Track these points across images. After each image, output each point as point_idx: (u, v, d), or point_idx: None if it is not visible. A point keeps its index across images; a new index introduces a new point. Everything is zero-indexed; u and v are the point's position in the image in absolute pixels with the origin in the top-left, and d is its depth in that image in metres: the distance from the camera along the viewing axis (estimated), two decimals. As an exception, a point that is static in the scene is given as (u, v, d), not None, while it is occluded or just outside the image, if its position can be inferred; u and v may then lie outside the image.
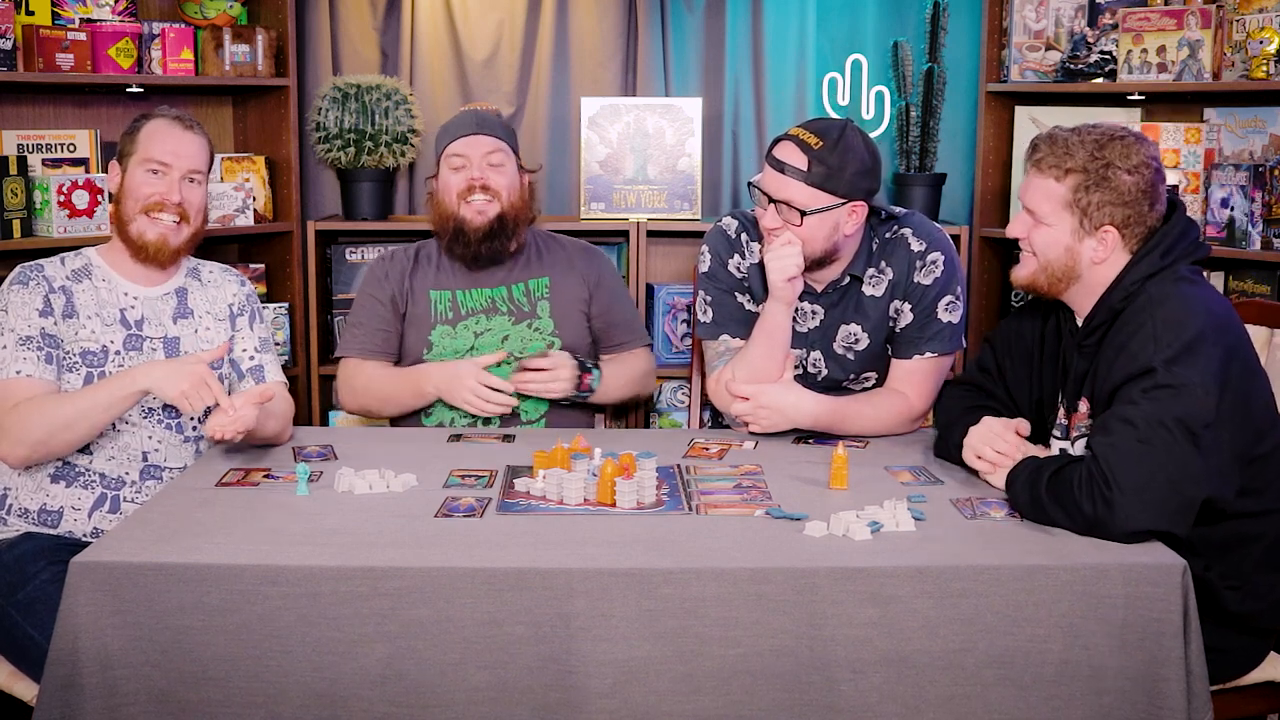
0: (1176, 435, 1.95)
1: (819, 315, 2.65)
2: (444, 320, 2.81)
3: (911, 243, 2.59)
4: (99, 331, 2.42)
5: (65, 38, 3.33)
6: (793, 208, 2.46)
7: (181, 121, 2.50)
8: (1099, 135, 2.16)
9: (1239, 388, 2.04)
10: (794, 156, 2.46)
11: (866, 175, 2.48)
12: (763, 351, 2.54)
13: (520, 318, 2.82)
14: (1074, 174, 2.15)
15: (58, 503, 2.40)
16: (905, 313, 2.60)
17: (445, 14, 4.00)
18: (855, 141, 2.47)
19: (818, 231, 2.48)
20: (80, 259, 2.50)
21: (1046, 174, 2.17)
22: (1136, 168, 2.13)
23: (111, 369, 2.40)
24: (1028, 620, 1.85)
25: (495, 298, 2.83)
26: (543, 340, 2.81)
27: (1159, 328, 2.04)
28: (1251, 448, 2.09)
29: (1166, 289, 2.11)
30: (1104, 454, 1.96)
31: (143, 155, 2.46)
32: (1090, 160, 2.13)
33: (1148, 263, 2.14)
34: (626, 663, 1.83)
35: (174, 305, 2.52)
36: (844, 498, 2.17)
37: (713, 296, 2.70)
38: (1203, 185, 3.55)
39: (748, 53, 4.06)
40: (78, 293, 2.44)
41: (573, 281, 2.87)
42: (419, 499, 2.16)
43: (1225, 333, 2.06)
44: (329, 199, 4.05)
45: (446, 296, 2.83)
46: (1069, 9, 3.81)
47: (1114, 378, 2.07)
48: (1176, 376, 1.98)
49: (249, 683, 1.83)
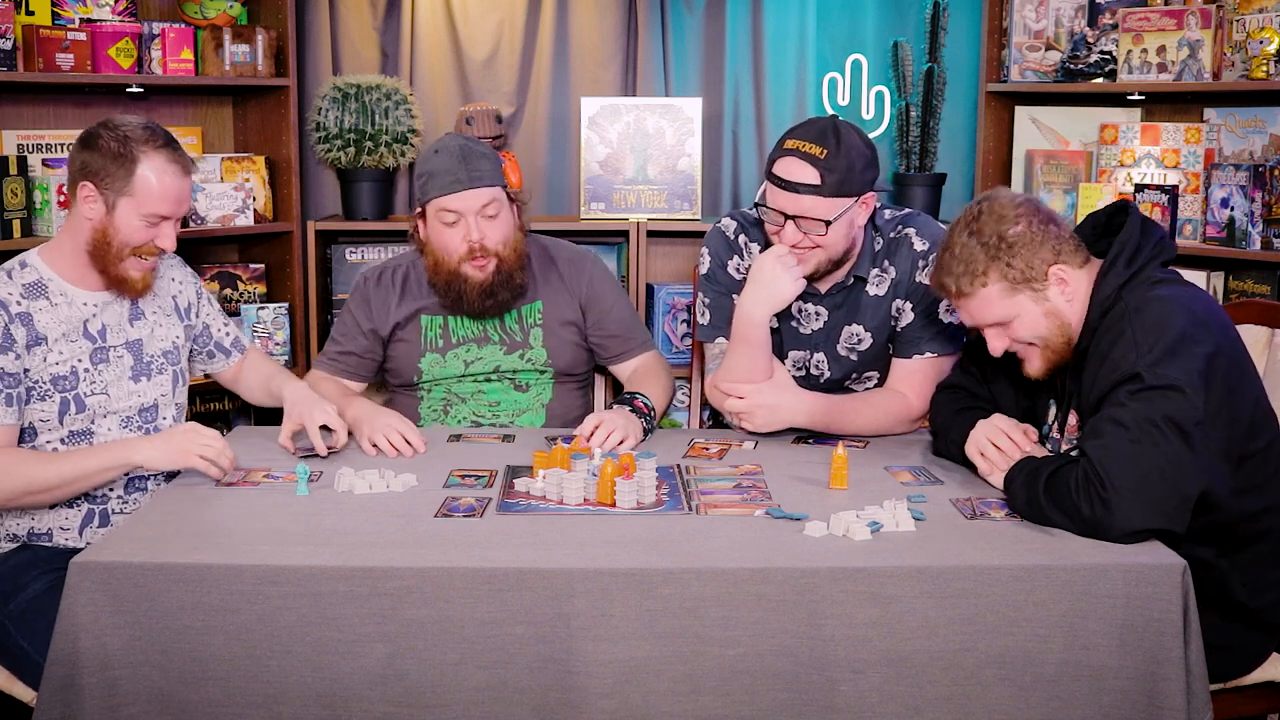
0: (1167, 433, 1.95)
1: (823, 317, 2.65)
2: (434, 348, 2.73)
3: (915, 242, 2.59)
4: (67, 352, 2.32)
5: (65, 38, 3.33)
6: (815, 220, 2.44)
7: (180, 164, 2.33)
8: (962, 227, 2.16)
9: (1226, 384, 2.03)
10: (803, 173, 2.42)
11: (870, 167, 2.49)
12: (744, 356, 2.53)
13: (513, 347, 2.74)
14: (990, 269, 2.13)
15: (45, 524, 2.36)
16: (907, 312, 2.60)
17: (445, 14, 4.00)
18: (851, 138, 2.46)
19: (840, 235, 2.48)
20: (29, 272, 2.34)
21: (972, 293, 2.15)
22: (1013, 216, 2.13)
23: (85, 388, 2.34)
24: (1028, 620, 1.86)
25: (487, 326, 2.74)
26: (534, 369, 2.75)
27: (1139, 333, 2.03)
28: (1243, 444, 2.09)
29: (1142, 294, 2.10)
30: (1098, 456, 1.96)
31: (141, 206, 2.29)
32: (983, 248, 2.13)
33: (1114, 274, 2.13)
34: (626, 663, 1.83)
35: (128, 307, 2.43)
36: (844, 498, 2.17)
37: (711, 299, 2.69)
38: (1203, 185, 3.55)
39: (748, 53, 4.06)
40: (37, 314, 2.30)
41: (564, 301, 2.78)
42: (419, 499, 2.16)
43: (1208, 329, 2.05)
44: (329, 199, 4.05)
45: (438, 322, 2.74)
46: (1069, 9, 3.81)
47: (1099, 387, 2.07)
48: (1162, 378, 1.98)
49: (249, 683, 1.83)
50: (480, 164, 2.60)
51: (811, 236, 2.46)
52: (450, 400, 2.76)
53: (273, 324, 3.77)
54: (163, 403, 2.47)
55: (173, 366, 2.50)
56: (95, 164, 2.29)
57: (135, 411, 2.42)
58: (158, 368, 2.46)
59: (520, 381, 2.75)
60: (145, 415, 2.44)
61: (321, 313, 3.83)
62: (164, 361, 2.48)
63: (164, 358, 2.48)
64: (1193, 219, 3.56)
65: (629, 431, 2.46)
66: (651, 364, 2.84)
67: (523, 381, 2.76)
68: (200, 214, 3.64)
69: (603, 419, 2.46)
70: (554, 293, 2.78)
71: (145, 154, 2.29)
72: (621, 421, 2.47)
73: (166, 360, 2.48)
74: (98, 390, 2.36)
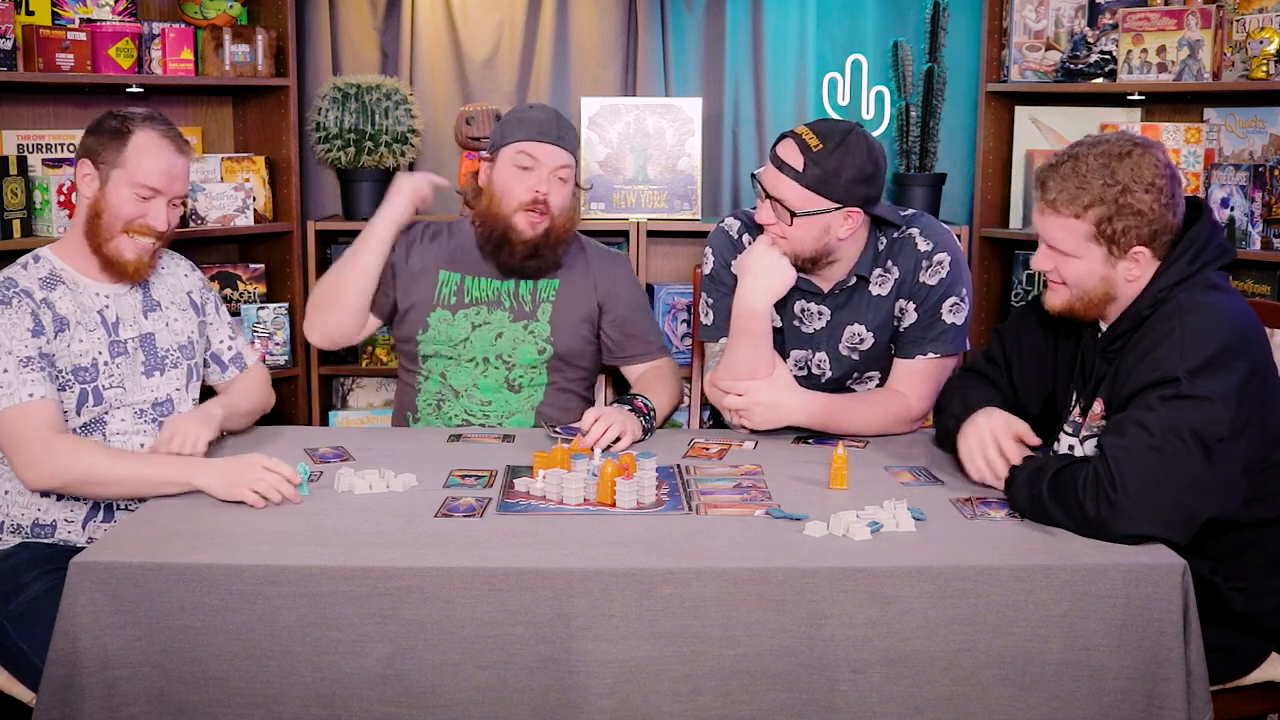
0: (1190, 446, 1.93)
1: (825, 316, 2.64)
2: (445, 304, 2.76)
3: (919, 242, 2.58)
4: (88, 340, 2.34)
5: (65, 38, 3.33)
6: (784, 207, 2.45)
7: (174, 142, 2.37)
8: (1105, 155, 2.08)
9: (1258, 401, 2.02)
10: (792, 156, 2.45)
11: (865, 183, 2.45)
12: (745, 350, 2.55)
13: (519, 317, 2.77)
14: (1093, 208, 2.08)
15: (50, 516, 2.36)
16: (909, 312, 2.59)
17: (445, 14, 4.00)
18: (858, 147, 2.43)
19: (807, 233, 2.47)
20: (43, 265, 2.36)
21: (1064, 213, 2.10)
22: (1152, 183, 2.06)
23: (104, 382, 2.35)
24: (1028, 620, 1.85)
25: (502, 290, 2.77)
26: (534, 345, 2.76)
27: (1186, 337, 2.00)
28: (1264, 458, 2.07)
29: (1195, 297, 2.07)
30: (1114, 455, 1.95)
31: (131, 176, 2.33)
32: (1106, 189, 2.06)
33: (1176, 269, 2.10)
34: (626, 663, 1.83)
35: (141, 298, 2.45)
36: (844, 498, 2.17)
37: (714, 299, 2.69)
38: (1203, 185, 3.55)
39: (748, 53, 4.06)
40: (58, 303, 2.32)
41: (583, 290, 2.80)
42: (419, 499, 2.16)
43: (1251, 344, 2.03)
44: (329, 199, 4.05)
45: (455, 279, 2.77)
46: (1069, 9, 3.81)
47: (1135, 383, 2.04)
48: (1199, 388, 1.95)
49: (249, 683, 1.83)
50: (569, 132, 2.74)
51: (779, 225, 2.47)
52: (444, 395, 2.76)
53: (273, 324, 3.77)
54: (177, 397, 2.47)
55: (187, 361, 2.50)
56: (95, 143, 2.37)
57: (149, 405, 2.43)
58: (172, 362, 2.47)
59: (514, 380, 2.75)
60: (160, 409, 2.44)
61: (321, 313, 3.83)
62: (179, 355, 2.49)
63: (179, 351, 2.49)
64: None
65: (627, 428, 2.47)
66: (663, 369, 2.85)
67: (515, 380, 2.75)
68: (200, 214, 3.64)
69: (602, 413, 2.48)
70: (575, 278, 2.81)
71: (140, 128, 2.36)
72: (620, 418, 2.48)
73: (181, 354, 2.49)
74: (115, 384, 2.37)
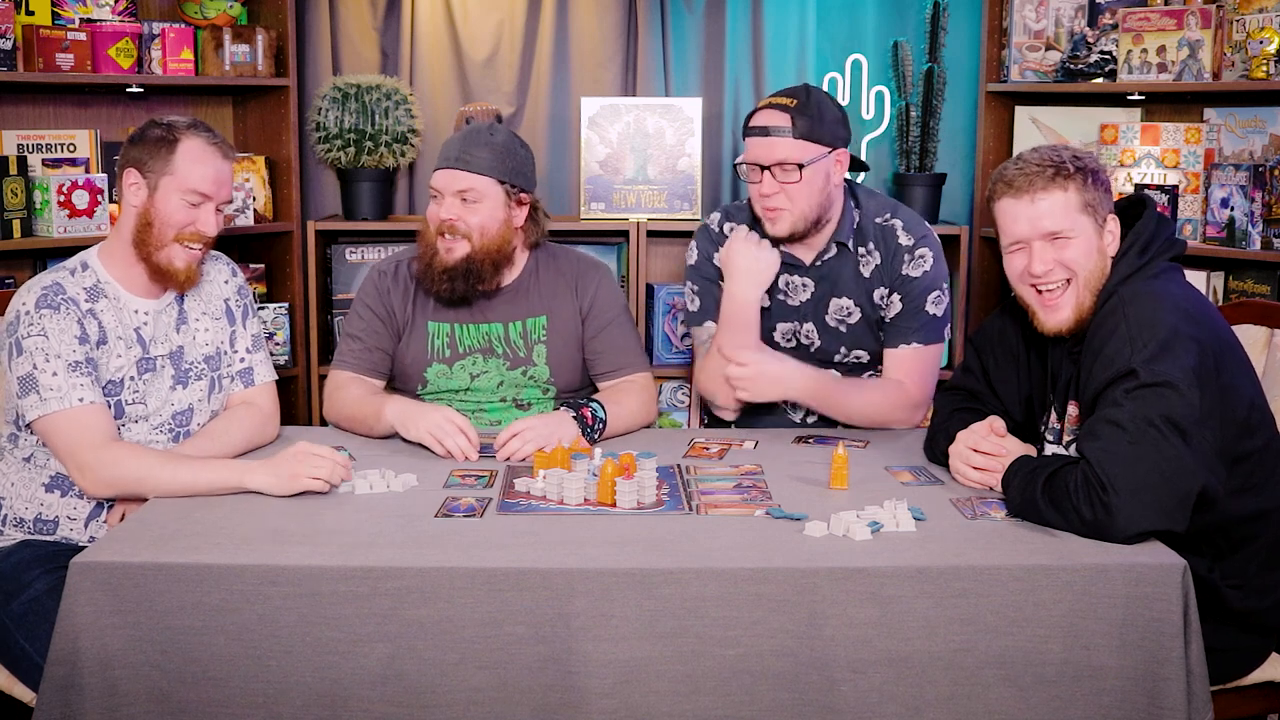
0: (1165, 432, 1.95)
1: (810, 288, 2.71)
2: (440, 359, 2.69)
3: (901, 236, 2.68)
4: (124, 356, 2.35)
5: (65, 38, 3.33)
6: (788, 165, 2.55)
7: (220, 148, 2.40)
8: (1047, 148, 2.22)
9: (1218, 382, 2.03)
10: (776, 119, 2.57)
11: (842, 124, 2.64)
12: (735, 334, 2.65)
13: (516, 364, 2.70)
14: (1071, 179, 2.15)
15: (53, 512, 2.36)
16: (895, 303, 2.69)
17: (445, 14, 4.00)
18: (821, 96, 2.62)
19: (812, 187, 2.57)
20: (89, 275, 2.37)
21: (1052, 190, 2.15)
22: (1097, 164, 2.21)
23: (127, 397, 2.35)
24: (1028, 620, 1.86)
25: (492, 336, 2.70)
26: (537, 388, 2.71)
27: (1133, 328, 2.04)
28: (1238, 443, 2.08)
29: (1136, 288, 2.11)
30: (1097, 459, 1.96)
31: (182, 183, 2.34)
32: (1074, 160, 2.17)
33: (1126, 263, 2.15)
34: (626, 663, 1.83)
35: (175, 314, 2.46)
36: (844, 498, 2.17)
37: (699, 286, 2.80)
38: (1203, 185, 3.55)
39: (748, 53, 4.06)
40: (101, 315, 2.34)
41: (569, 313, 2.73)
42: (419, 499, 2.16)
43: (1199, 326, 2.06)
44: (329, 199, 4.05)
45: (445, 330, 2.70)
46: (1069, 9, 3.81)
47: (1096, 382, 2.06)
48: (1158, 375, 1.97)
49: (249, 683, 1.83)
50: (478, 151, 2.60)
51: (788, 188, 2.55)
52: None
53: (273, 324, 3.77)
54: (198, 408, 2.47)
55: (212, 372, 2.49)
56: (141, 153, 2.37)
57: (169, 416, 2.42)
58: (196, 374, 2.46)
59: (522, 400, 2.74)
60: (179, 419, 2.44)
61: (321, 313, 3.83)
62: (204, 367, 2.48)
63: (205, 363, 2.48)
64: (1193, 219, 3.56)
65: (551, 438, 2.40)
66: (634, 382, 2.73)
67: (525, 399, 2.74)
68: (200, 214, 3.64)
69: (520, 429, 2.43)
70: (562, 305, 2.73)
71: (186, 136, 2.38)
72: (544, 431, 2.42)
73: (207, 365, 2.48)
74: (138, 399, 2.38)
